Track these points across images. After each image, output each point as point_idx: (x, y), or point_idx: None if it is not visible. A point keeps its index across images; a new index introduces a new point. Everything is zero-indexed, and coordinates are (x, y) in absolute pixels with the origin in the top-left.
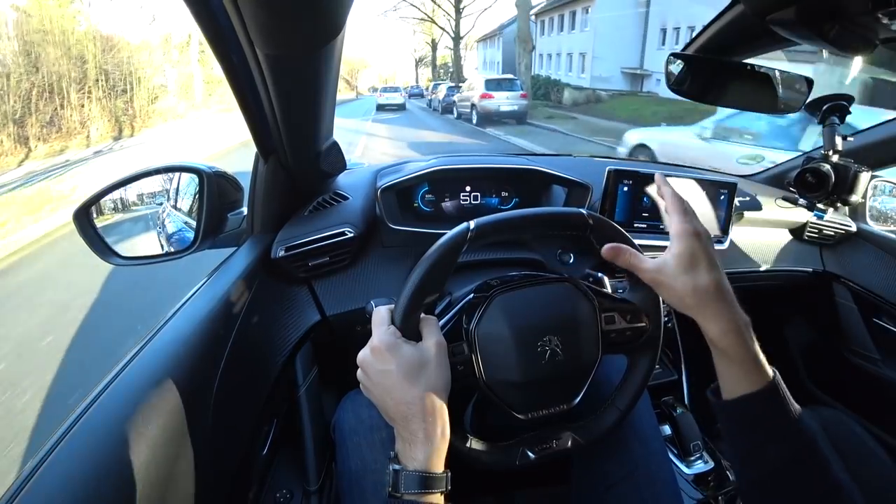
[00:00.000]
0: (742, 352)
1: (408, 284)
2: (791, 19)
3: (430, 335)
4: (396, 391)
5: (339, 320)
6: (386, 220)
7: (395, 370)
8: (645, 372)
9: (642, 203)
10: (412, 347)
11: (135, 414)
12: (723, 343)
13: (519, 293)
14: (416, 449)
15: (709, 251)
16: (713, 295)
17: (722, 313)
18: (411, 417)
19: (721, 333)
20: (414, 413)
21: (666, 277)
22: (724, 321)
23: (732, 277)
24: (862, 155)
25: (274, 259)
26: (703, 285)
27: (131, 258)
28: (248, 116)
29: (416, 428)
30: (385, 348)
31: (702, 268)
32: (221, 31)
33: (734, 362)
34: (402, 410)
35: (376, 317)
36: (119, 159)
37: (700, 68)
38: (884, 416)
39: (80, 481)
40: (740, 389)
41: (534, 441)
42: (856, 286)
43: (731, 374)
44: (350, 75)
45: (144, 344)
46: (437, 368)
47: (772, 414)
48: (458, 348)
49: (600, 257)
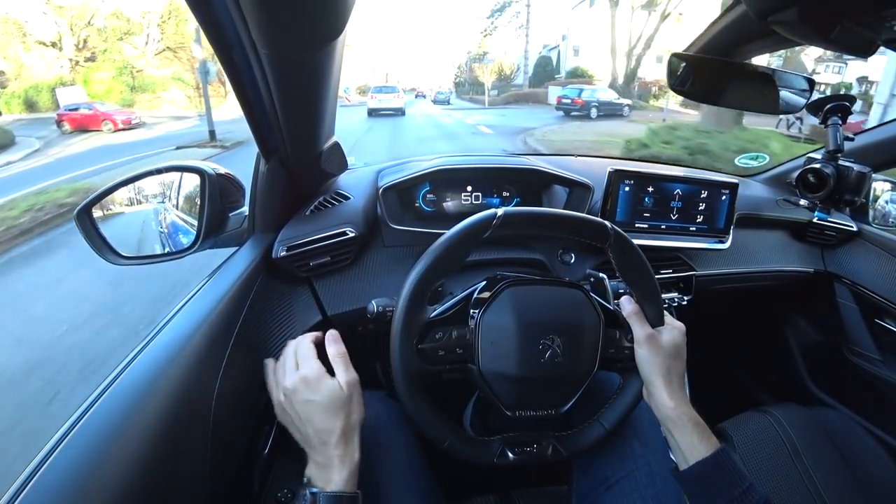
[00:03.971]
0: (693, 421)
1: (422, 260)
2: (793, 20)
3: (346, 372)
4: (318, 419)
5: (340, 320)
6: (387, 219)
7: (320, 401)
8: (635, 395)
9: (644, 203)
10: (334, 382)
11: (136, 413)
12: (676, 413)
13: (529, 289)
14: (332, 472)
15: (685, 345)
16: (678, 377)
17: (678, 390)
18: (330, 444)
19: (676, 405)
20: (334, 441)
21: (653, 349)
22: (678, 397)
23: (734, 278)
24: (864, 155)
25: (275, 259)
26: (675, 368)
27: (133, 258)
28: (249, 116)
29: (334, 454)
30: (314, 380)
31: (680, 357)
32: (223, 29)
33: (686, 430)
34: (323, 437)
35: (301, 349)
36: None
37: (702, 69)
38: (885, 416)
39: (81, 481)
40: (695, 456)
41: (515, 441)
42: (857, 286)
43: (685, 441)
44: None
45: (146, 343)
46: (356, 404)
47: (725, 476)
48: (461, 331)
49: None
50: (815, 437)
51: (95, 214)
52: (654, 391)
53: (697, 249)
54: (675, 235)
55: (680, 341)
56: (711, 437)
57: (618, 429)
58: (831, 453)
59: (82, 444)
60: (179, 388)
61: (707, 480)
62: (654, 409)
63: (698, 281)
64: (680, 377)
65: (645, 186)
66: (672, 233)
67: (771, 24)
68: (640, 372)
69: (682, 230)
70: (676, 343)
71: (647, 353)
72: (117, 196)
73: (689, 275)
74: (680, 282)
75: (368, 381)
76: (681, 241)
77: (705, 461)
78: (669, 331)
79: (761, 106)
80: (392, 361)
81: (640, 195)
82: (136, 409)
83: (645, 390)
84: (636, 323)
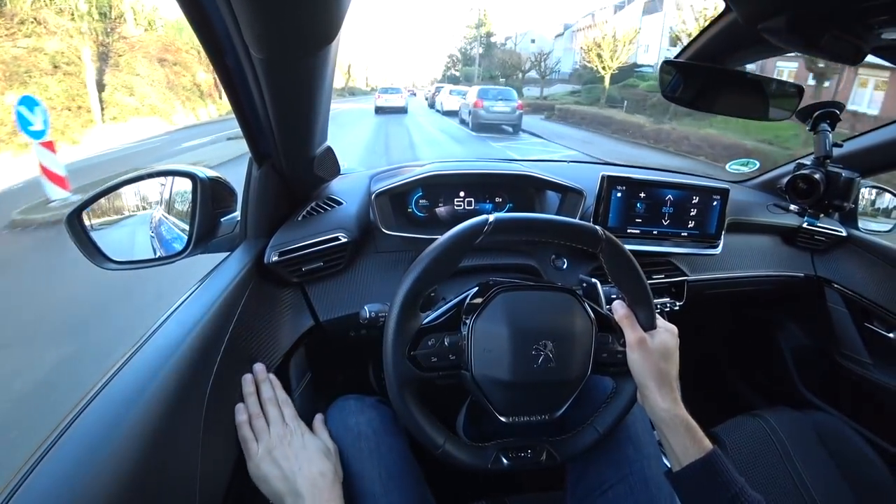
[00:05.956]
0: (685, 424)
1: (415, 268)
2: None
3: (326, 436)
4: (314, 463)
5: (332, 326)
6: (380, 225)
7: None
8: (629, 398)
9: (636, 209)
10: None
11: (127, 419)
12: (669, 415)
13: (521, 294)
14: None
15: (677, 347)
16: (671, 379)
17: (669, 392)
18: (324, 487)
19: (668, 407)
20: (326, 484)
21: (644, 352)
22: (670, 399)
23: (725, 283)
24: (853, 161)
25: (267, 264)
26: (667, 371)
27: (124, 262)
28: (242, 121)
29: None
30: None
31: (672, 359)
32: (216, 34)
33: (678, 433)
34: (315, 481)
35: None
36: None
37: (693, 76)
38: (875, 419)
39: (71, 486)
40: (688, 458)
41: (510, 447)
42: (847, 291)
43: (678, 444)
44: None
45: (136, 349)
46: (337, 458)
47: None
48: (453, 338)
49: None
50: (806, 441)
51: (86, 219)
52: (648, 394)
53: (689, 255)
54: (667, 241)
55: (672, 344)
56: (704, 440)
57: (612, 433)
58: (823, 456)
59: (72, 448)
60: (170, 394)
61: (699, 482)
62: (647, 412)
63: (690, 286)
64: (673, 380)
65: (637, 192)
66: (664, 238)
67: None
68: (633, 375)
69: (673, 236)
70: (668, 346)
71: (638, 356)
72: (109, 200)
73: (680, 280)
74: (672, 287)
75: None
76: (672, 247)
77: (697, 463)
78: (661, 333)
79: (751, 112)
80: (385, 369)
81: (632, 201)
82: (126, 414)
83: (639, 393)
84: (627, 327)
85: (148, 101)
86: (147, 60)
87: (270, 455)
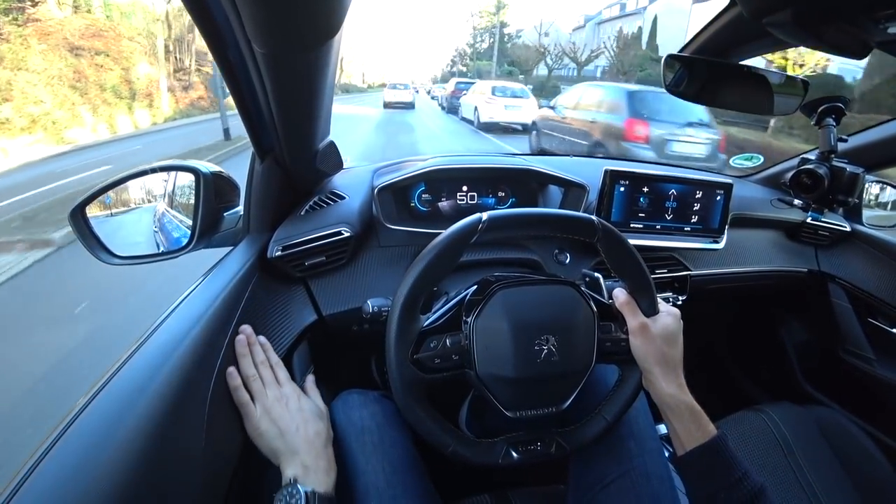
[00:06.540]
0: (690, 408)
1: (412, 271)
2: (787, 21)
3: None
4: (310, 424)
5: (335, 320)
6: (382, 219)
7: (311, 408)
8: (635, 385)
9: (639, 203)
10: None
11: (130, 416)
12: (674, 401)
13: (521, 290)
14: (320, 476)
15: (680, 330)
16: (674, 363)
17: (674, 377)
18: (319, 447)
19: (673, 392)
20: (321, 444)
21: (646, 337)
22: (675, 384)
23: (728, 278)
24: (857, 156)
25: (270, 258)
26: (671, 356)
27: (127, 257)
28: (244, 115)
29: (322, 457)
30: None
31: (676, 343)
32: (218, 28)
33: (683, 418)
34: (312, 440)
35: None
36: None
37: (697, 70)
38: (879, 415)
39: (74, 483)
40: (692, 443)
41: (519, 441)
42: (851, 286)
43: (683, 428)
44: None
45: (140, 344)
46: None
47: (721, 463)
48: (455, 338)
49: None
50: (809, 436)
51: (89, 213)
52: (652, 379)
53: (692, 249)
54: (670, 235)
55: (675, 327)
56: (709, 426)
57: (620, 420)
58: (825, 451)
59: (75, 445)
60: (173, 390)
61: (703, 466)
62: (653, 397)
63: (693, 281)
64: (678, 364)
65: (640, 187)
66: (667, 233)
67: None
68: (637, 361)
69: (676, 230)
70: (670, 330)
71: (641, 342)
72: (112, 195)
73: (684, 275)
74: (675, 282)
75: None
76: (676, 241)
77: (701, 447)
78: (663, 317)
79: (755, 107)
80: (389, 374)
81: (635, 195)
82: (129, 410)
83: (644, 379)
84: (629, 313)
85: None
86: (53, 50)
87: (269, 415)
